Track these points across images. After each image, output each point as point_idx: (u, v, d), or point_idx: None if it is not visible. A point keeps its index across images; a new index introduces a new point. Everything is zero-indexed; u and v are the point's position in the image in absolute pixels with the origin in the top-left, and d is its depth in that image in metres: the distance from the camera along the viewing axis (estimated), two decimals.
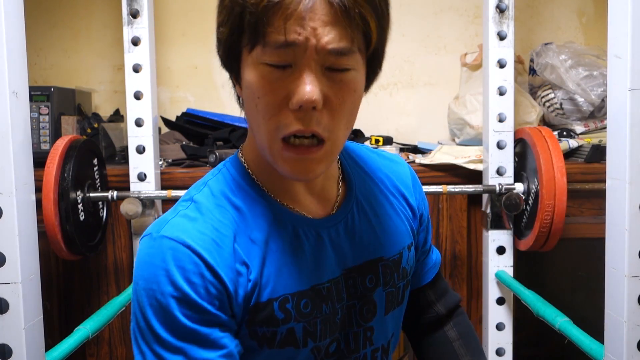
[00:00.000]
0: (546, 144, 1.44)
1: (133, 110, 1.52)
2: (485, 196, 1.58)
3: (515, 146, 1.55)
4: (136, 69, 1.51)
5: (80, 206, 1.44)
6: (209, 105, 2.01)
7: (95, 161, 1.53)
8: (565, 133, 1.74)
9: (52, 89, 1.65)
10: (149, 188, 1.52)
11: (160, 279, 0.66)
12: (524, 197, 1.49)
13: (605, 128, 1.28)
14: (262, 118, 0.66)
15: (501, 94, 1.51)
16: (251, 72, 0.66)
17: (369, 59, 0.68)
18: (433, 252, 0.96)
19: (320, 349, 0.74)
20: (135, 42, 1.50)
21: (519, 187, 1.50)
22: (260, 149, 0.70)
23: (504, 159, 1.53)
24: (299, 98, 0.62)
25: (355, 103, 0.68)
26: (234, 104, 0.78)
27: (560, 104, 1.77)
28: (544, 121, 1.85)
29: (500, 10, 1.48)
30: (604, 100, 1.72)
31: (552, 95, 1.78)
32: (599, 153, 1.57)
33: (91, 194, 1.48)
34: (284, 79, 0.64)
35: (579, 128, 1.78)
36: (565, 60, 1.76)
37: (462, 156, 1.62)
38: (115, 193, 1.48)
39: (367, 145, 0.91)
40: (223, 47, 0.70)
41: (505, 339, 1.58)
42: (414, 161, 1.66)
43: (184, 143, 1.76)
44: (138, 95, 1.51)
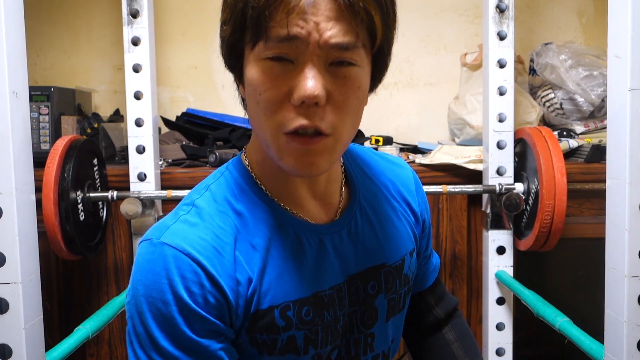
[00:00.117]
0: (546, 144, 1.43)
1: (133, 110, 1.52)
2: (485, 196, 1.58)
3: (515, 146, 1.55)
4: (136, 69, 1.51)
5: (80, 206, 1.44)
6: (209, 105, 2.01)
7: (95, 161, 1.53)
8: (565, 133, 1.74)
9: (52, 89, 1.65)
10: (149, 188, 1.52)
11: (161, 287, 0.65)
12: (524, 197, 1.49)
13: (605, 128, 1.28)
14: (264, 115, 0.65)
15: (501, 94, 1.51)
16: (253, 69, 0.65)
17: (374, 57, 0.68)
18: (433, 257, 0.95)
19: (322, 356, 0.73)
20: (135, 42, 1.50)
21: (519, 187, 1.50)
22: (264, 146, 0.69)
23: (504, 159, 1.53)
24: (301, 93, 0.61)
25: (360, 100, 0.67)
26: (234, 104, 0.78)
27: (560, 104, 1.77)
28: (544, 121, 1.85)
29: (500, 10, 1.48)
30: (604, 100, 1.71)
31: (552, 95, 1.78)
32: (599, 153, 1.57)
33: (91, 194, 1.48)
34: (286, 74, 0.63)
35: (579, 128, 1.78)
36: (565, 60, 1.76)
37: (462, 156, 1.62)
38: (115, 193, 1.48)
39: (371, 148, 0.90)
40: (226, 46, 0.69)
41: (505, 339, 1.58)
42: (414, 161, 1.66)
43: (184, 143, 1.76)
44: (138, 95, 1.51)
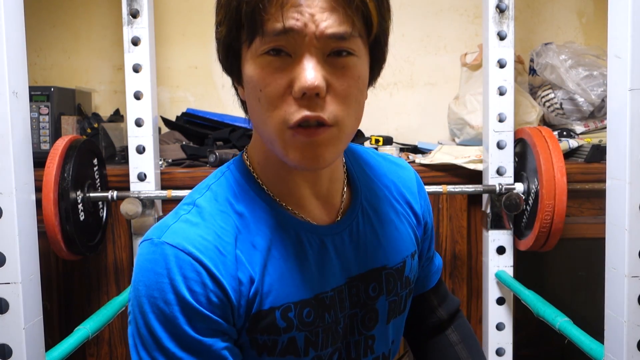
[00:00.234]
0: (546, 144, 1.43)
1: (133, 110, 1.52)
2: (485, 196, 1.58)
3: (515, 146, 1.55)
4: (136, 69, 1.51)
5: (80, 206, 1.44)
6: (209, 105, 2.01)
7: (95, 161, 1.53)
8: (565, 133, 1.74)
9: (52, 89, 1.65)
10: (149, 188, 1.52)
11: (162, 286, 0.65)
12: (524, 197, 1.49)
13: (605, 128, 1.28)
14: (267, 111, 0.64)
15: (501, 94, 1.51)
16: (251, 66, 0.64)
17: (371, 48, 0.68)
18: (436, 258, 0.95)
19: (322, 358, 0.73)
20: (135, 42, 1.50)
21: (519, 187, 1.50)
22: (268, 144, 0.68)
23: (504, 159, 1.53)
24: (301, 84, 0.61)
25: (360, 90, 0.66)
26: (234, 104, 0.78)
27: (560, 104, 1.77)
28: (544, 121, 1.85)
29: (500, 10, 1.48)
30: (604, 100, 1.71)
31: (552, 95, 1.78)
32: (599, 153, 1.57)
33: (91, 194, 1.48)
34: (284, 68, 0.62)
35: (579, 128, 1.78)
36: (565, 60, 1.76)
37: (462, 156, 1.62)
38: (115, 193, 1.48)
39: (373, 149, 0.89)
40: (223, 47, 0.69)
41: (505, 339, 1.58)
42: (414, 161, 1.66)
43: (184, 143, 1.76)
44: (138, 95, 1.51)
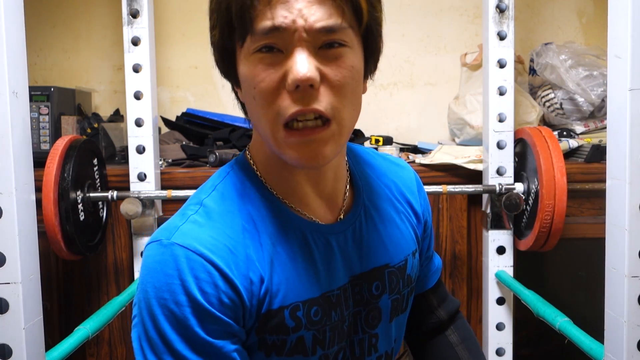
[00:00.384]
0: (546, 144, 1.43)
1: (133, 110, 1.52)
2: (485, 196, 1.58)
3: (515, 146, 1.55)
4: (136, 69, 1.51)
5: (80, 206, 1.44)
6: (209, 105, 2.01)
7: (95, 161, 1.53)
8: (565, 133, 1.74)
9: (52, 89, 1.65)
10: (149, 188, 1.52)
11: (173, 287, 0.64)
12: (524, 197, 1.49)
13: (605, 128, 1.28)
14: (262, 107, 0.64)
15: (501, 94, 1.51)
16: (245, 65, 0.65)
17: (364, 38, 0.67)
18: (435, 258, 0.96)
19: (328, 357, 0.73)
20: (135, 42, 1.50)
21: (519, 187, 1.50)
22: (266, 141, 0.68)
23: (504, 159, 1.53)
24: (293, 77, 0.61)
25: (355, 81, 0.66)
26: (234, 104, 0.78)
27: (560, 104, 1.77)
28: (544, 121, 1.85)
29: (500, 10, 1.48)
30: (604, 100, 1.71)
31: (552, 95, 1.78)
32: (599, 153, 1.57)
33: (91, 194, 1.48)
34: (277, 63, 0.63)
35: (579, 128, 1.78)
36: (565, 60, 1.76)
37: (462, 156, 1.62)
38: (115, 193, 1.48)
39: (373, 149, 0.90)
40: (218, 50, 0.70)
41: (505, 339, 1.58)
42: (414, 161, 1.66)
43: (184, 143, 1.76)
44: (138, 95, 1.51)
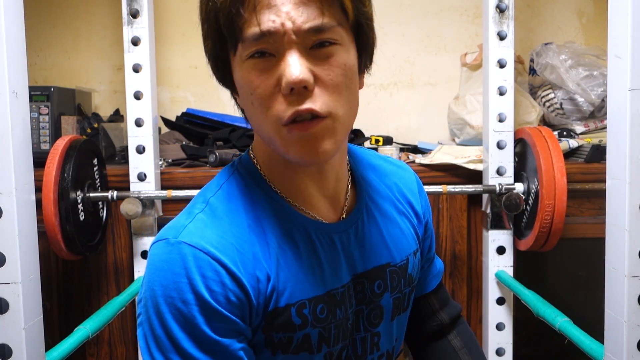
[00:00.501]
0: (546, 144, 1.43)
1: (133, 110, 1.52)
2: (485, 196, 1.58)
3: (515, 146, 1.55)
4: (136, 69, 1.51)
5: (80, 206, 1.44)
6: (209, 105, 2.01)
7: (95, 161, 1.53)
8: (565, 133, 1.74)
9: (52, 89, 1.65)
10: (149, 188, 1.52)
11: (180, 286, 0.64)
12: (524, 197, 1.49)
13: (605, 128, 1.28)
14: (261, 112, 0.65)
15: (501, 94, 1.51)
16: (240, 72, 0.66)
17: (355, 34, 0.68)
18: (437, 260, 0.96)
19: (333, 354, 0.74)
20: (135, 42, 1.50)
21: (519, 187, 1.50)
22: (269, 144, 0.69)
23: (504, 159, 1.53)
24: (287, 80, 0.62)
25: (349, 78, 0.66)
26: (234, 104, 0.78)
27: (560, 104, 1.77)
28: (544, 121, 1.85)
29: (500, 10, 1.48)
30: (604, 100, 1.71)
31: (552, 95, 1.78)
32: (599, 153, 1.57)
33: (91, 194, 1.48)
34: (270, 68, 0.63)
35: (579, 128, 1.78)
36: (565, 60, 1.76)
37: (462, 156, 1.62)
38: (115, 193, 1.48)
39: (374, 151, 0.90)
40: (212, 59, 0.70)
41: (505, 339, 1.58)
42: (414, 161, 1.66)
43: (184, 143, 1.76)
44: (138, 95, 1.51)
